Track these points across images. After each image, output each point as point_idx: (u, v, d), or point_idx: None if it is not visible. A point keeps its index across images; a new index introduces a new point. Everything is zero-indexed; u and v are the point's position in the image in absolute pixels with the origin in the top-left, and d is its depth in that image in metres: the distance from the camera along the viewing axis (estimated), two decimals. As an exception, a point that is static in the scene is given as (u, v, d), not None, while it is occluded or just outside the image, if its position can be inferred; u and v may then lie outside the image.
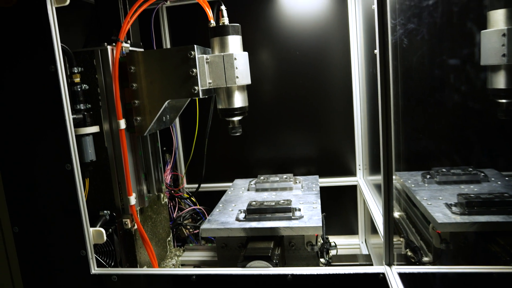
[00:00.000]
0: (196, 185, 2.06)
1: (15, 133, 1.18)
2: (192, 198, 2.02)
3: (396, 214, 1.44)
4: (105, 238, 1.26)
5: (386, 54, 1.04)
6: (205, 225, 1.40)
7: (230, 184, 1.98)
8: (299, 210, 1.41)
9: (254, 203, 1.44)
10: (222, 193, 1.85)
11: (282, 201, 1.42)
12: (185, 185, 2.15)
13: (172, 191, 2.04)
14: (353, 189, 2.02)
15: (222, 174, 2.12)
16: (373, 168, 1.79)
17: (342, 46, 1.93)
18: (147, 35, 1.89)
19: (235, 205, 1.58)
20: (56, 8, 1.11)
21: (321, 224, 1.30)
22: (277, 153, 2.07)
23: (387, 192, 1.07)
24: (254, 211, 1.39)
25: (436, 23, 1.18)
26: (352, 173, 2.02)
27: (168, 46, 2.06)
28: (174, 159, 2.10)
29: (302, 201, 1.55)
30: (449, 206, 1.25)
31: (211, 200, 2.07)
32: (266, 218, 1.37)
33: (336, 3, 1.92)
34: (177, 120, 2.07)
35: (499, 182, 1.39)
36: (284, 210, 1.37)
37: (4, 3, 1.10)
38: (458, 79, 1.29)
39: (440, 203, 1.29)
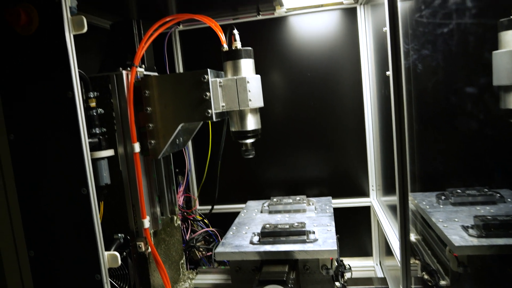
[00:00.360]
0: (209, 207, 2.06)
1: (32, 158, 1.19)
2: (205, 220, 2.01)
3: (413, 237, 1.42)
4: (119, 262, 1.25)
5: (400, 78, 1.04)
6: (219, 249, 1.39)
7: (243, 205, 1.97)
8: (314, 233, 1.40)
9: (268, 226, 1.43)
10: (234, 214, 1.84)
11: (296, 224, 1.41)
12: (198, 207, 2.15)
13: (185, 213, 2.04)
14: (366, 210, 2.00)
15: (235, 195, 2.12)
16: (387, 189, 1.77)
17: (353, 67, 1.94)
18: (160, 58, 1.93)
19: (248, 228, 1.57)
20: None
21: (336, 248, 1.28)
22: (289, 174, 2.06)
23: (403, 216, 1.06)
24: (268, 234, 1.38)
25: (451, 50, 1.18)
26: (365, 194, 2.00)
27: (181, 69, 2.09)
28: (186, 181, 2.10)
29: (316, 223, 1.53)
30: (465, 228, 1.22)
31: (224, 221, 2.06)
32: (280, 241, 1.36)
33: (346, 25, 1.94)
34: (189, 142, 2.08)
35: (516, 203, 1.36)
36: (299, 233, 1.36)
37: (24, 31, 1.13)
38: (472, 101, 1.29)
39: (456, 225, 1.27)
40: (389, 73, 1.19)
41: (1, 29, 1.15)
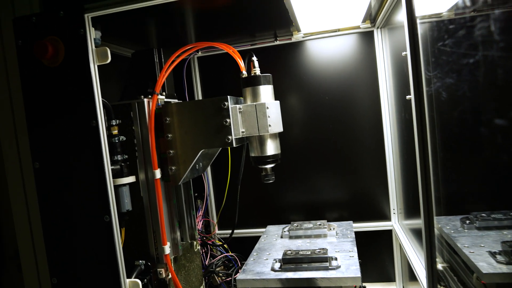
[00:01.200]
0: (228, 231, 2.04)
1: (56, 186, 1.21)
2: (224, 245, 1.99)
3: (439, 266, 1.37)
4: None
5: (422, 102, 1.03)
6: (240, 276, 1.37)
7: (262, 230, 1.95)
8: (336, 259, 1.37)
9: (289, 252, 1.41)
10: (254, 239, 1.82)
11: (318, 250, 1.39)
12: (217, 231, 2.14)
13: (204, 238, 2.02)
14: (388, 234, 1.96)
15: (254, 220, 2.11)
16: (409, 212, 1.73)
17: (371, 90, 1.94)
18: (179, 84, 1.95)
19: (269, 254, 1.55)
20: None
21: (359, 275, 1.25)
22: (309, 198, 2.04)
23: (429, 242, 1.03)
24: (290, 261, 1.36)
25: (478, 81, 1.17)
26: (386, 217, 1.96)
27: (200, 94, 2.12)
28: (205, 205, 2.10)
29: (338, 249, 1.51)
30: (493, 254, 1.18)
31: (243, 246, 2.05)
32: (302, 268, 1.33)
33: (363, 48, 1.94)
34: (208, 167, 2.08)
35: (545, 228, 1.31)
36: (321, 259, 1.33)
37: (51, 63, 1.17)
38: (499, 129, 1.26)
39: (482, 251, 1.22)
40: (410, 97, 1.18)
41: (29, 61, 1.19)
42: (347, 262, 1.36)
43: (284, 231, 1.76)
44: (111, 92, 1.71)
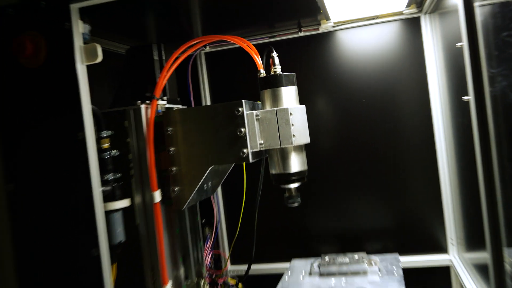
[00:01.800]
0: (243, 267, 2.02)
1: (35, 212, 1.20)
2: (239, 285, 1.98)
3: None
4: None
5: (483, 105, 1.02)
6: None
7: (286, 265, 1.93)
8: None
9: (320, 294, 1.39)
10: (275, 277, 1.80)
11: (357, 292, 1.37)
12: (229, 267, 2.13)
13: (214, 275, 2.02)
14: (445, 271, 1.91)
15: (276, 252, 2.09)
16: (472, 243, 1.70)
17: (419, 90, 1.92)
18: (183, 85, 1.96)
19: (295, 296, 1.54)
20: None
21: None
22: (343, 225, 2.02)
23: (498, 284, 1.01)
24: (322, 305, 1.34)
25: None
26: (442, 249, 1.92)
27: (207, 98, 2.14)
28: (215, 234, 2.09)
29: (381, 289, 1.49)
30: None
31: (262, 286, 2.05)
32: (336, 315, 1.32)
33: (407, 39, 1.94)
34: (219, 187, 2.09)
35: None
36: (360, 303, 1.32)
37: (30, 63, 1.19)
38: None
39: None
40: (468, 98, 1.16)
41: (4, 61, 1.21)
42: (394, 307, 1.34)
43: (314, 267, 1.74)
44: (102, 97, 1.72)
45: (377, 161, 1.98)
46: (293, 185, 1.42)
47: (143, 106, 1.41)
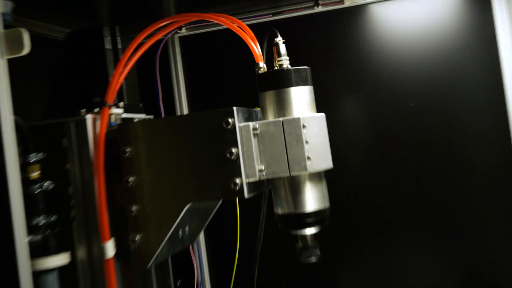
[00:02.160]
0: None
1: None
2: None
3: None
4: None
5: None
6: None
7: None
8: None
9: None
10: None
11: None
12: None
13: None
14: None
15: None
16: None
17: (490, 85, 1.89)
18: (148, 86, 1.93)
19: None
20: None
21: None
22: (385, 283, 1.98)
23: None
24: None
25: None
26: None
27: (183, 100, 2.12)
28: (197, 302, 2.05)
29: None
30: None
31: None
32: None
33: (473, 16, 1.92)
34: (201, 232, 2.04)
35: None
36: None
37: None
38: None
39: None
40: None
41: None
42: None
43: None
44: (30, 103, 1.70)
45: (434, 189, 1.94)
46: (310, 231, 1.38)
47: (89, 117, 1.38)
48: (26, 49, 1.15)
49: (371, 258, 2.00)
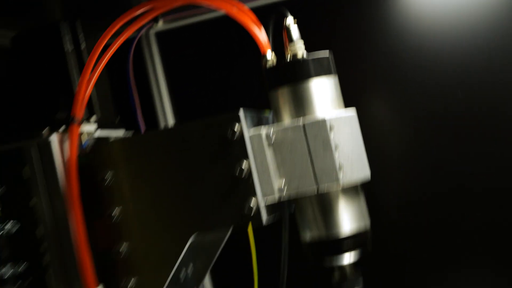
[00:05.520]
0: None
1: None
2: None
3: None
4: None
5: None
6: None
7: None
8: None
9: None
10: None
11: None
12: None
13: None
14: None
15: None
16: None
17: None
18: (122, 92, 1.52)
19: None
20: None
21: None
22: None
23: None
24: None
25: None
26: None
27: (167, 110, 1.72)
28: None
29: None
30: None
31: None
32: None
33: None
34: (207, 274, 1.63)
35: None
36: None
37: None
38: None
39: None
40: None
41: None
42: None
43: None
44: None
45: (500, 203, 1.50)
46: (348, 259, 1.03)
47: (54, 138, 1.06)
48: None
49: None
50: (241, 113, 0.96)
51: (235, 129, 0.95)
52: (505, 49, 1.50)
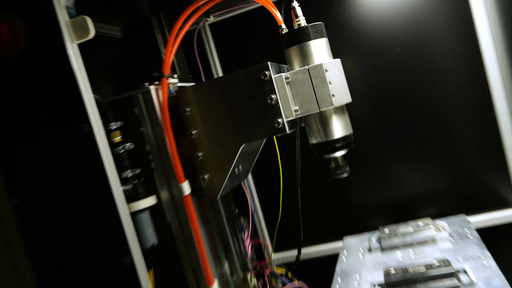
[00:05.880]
0: (287, 254, 1.85)
1: (46, 226, 1.02)
2: (289, 274, 1.76)
3: None
4: None
5: None
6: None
7: (336, 245, 1.73)
8: (465, 272, 1.11)
9: (392, 271, 1.16)
10: (328, 260, 1.64)
11: (436, 263, 1.13)
12: (273, 256, 1.90)
13: (258, 267, 1.80)
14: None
15: (322, 232, 1.87)
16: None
17: (463, 24, 1.64)
18: (191, 63, 1.73)
19: (360, 278, 1.31)
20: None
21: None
22: (390, 194, 1.78)
23: None
24: (397, 284, 1.11)
25: None
26: (508, 203, 1.67)
27: (219, 72, 1.91)
28: (253, 223, 1.87)
29: (460, 256, 1.25)
30: None
31: (312, 270, 1.84)
32: (418, 293, 1.09)
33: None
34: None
35: None
36: (444, 276, 1.08)
37: (8, 51, 0.97)
38: None
39: None
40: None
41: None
42: (483, 276, 1.10)
43: (372, 242, 1.51)
44: (102, 91, 1.54)
45: (420, 119, 1.73)
46: (340, 153, 1.22)
47: (152, 88, 1.22)
48: (92, 33, 0.99)
49: (379, 175, 1.80)
50: (269, 64, 1.13)
51: (266, 73, 1.12)
52: (426, 20, 1.67)
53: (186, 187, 1.19)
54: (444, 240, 1.40)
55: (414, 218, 1.67)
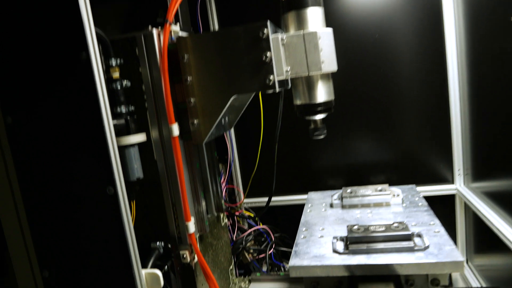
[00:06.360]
0: (256, 200, 1.71)
1: (36, 148, 0.86)
2: (256, 218, 1.64)
3: None
4: (162, 282, 0.93)
5: None
6: (294, 261, 1.02)
7: (297, 197, 1.63)
8: (420, 236, 1.00)
9: (356, 228, 1.03)
10: (286, 209, 1.58)
11: (396, 225, 1.01)
12: (244, 200, 1.77)
13: (230, 209, 1.67)
14: (449, 199, 1.58)
15: (288, 186, 1.72)
16: (481, 173, 1.38)
17: (430, 15, 1.50)
18: (192, 18, 1.54)
19: (323, 229, 1.19)
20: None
21: (461, 259, 0.88)
22: (349, 161, 1.66)
23: None
24: (359, 240, 0.99)
25: None
26: (446, 180, 1.58)
27: (215, 22, 1.71)
28: (230, 170, 1.73)
29: (413, 221, 1.14)
30: None
31: (274, 216, 1.72)
32: (377, 250, 0.97)
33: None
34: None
35: None
36: (402, 237, 0.96)
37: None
38: None
39: None
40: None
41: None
42: (435, 241, 0.99)
43: (334, 199, 1.39)
44: (107, 30, 1.33)
45: (383, 99, 1.59)
46: (320, 116, 1.08)
47: (155, 31, 1.03)
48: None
49: (341, 143, 1.67)
50: (268, 22, 0.97)
51: (264, 32, 0.96)
52: (402, 9, 1.52)
53: (175, 129, 1.03)
54: (397, 206, 1.29)
55: (361, 183, 1.54)
